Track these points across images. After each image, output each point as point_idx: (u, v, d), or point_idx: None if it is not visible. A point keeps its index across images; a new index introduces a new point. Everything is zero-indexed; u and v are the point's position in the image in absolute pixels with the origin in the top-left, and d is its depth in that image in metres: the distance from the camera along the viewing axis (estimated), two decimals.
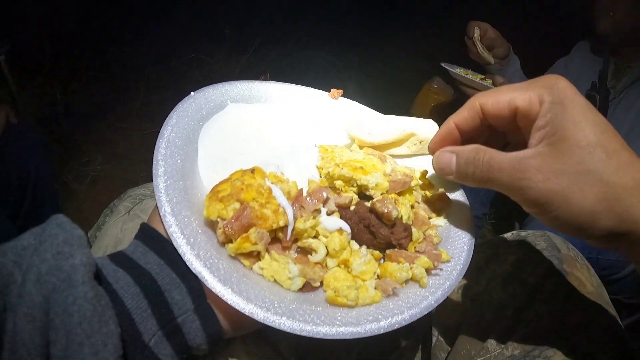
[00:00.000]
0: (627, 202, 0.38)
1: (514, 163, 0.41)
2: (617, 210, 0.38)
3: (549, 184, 0.39)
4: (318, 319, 0.43)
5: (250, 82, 0.68)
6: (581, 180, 0.38)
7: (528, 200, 0.41)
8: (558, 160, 0.39)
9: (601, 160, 0.38)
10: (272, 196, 0.48)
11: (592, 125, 0.39)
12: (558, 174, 0.39)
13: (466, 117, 0.48)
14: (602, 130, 0.39)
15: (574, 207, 0.39)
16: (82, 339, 0.34)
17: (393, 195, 0.55)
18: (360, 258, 0.50)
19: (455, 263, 0.52)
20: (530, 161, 0.41)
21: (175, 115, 0.56)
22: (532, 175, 0.40)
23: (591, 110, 0.40)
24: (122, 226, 0.70)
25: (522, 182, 0.41)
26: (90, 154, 2.22)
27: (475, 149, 0.45)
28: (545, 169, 0.40)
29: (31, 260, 0.35)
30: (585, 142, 0.39)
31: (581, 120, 0.39)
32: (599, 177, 0.38)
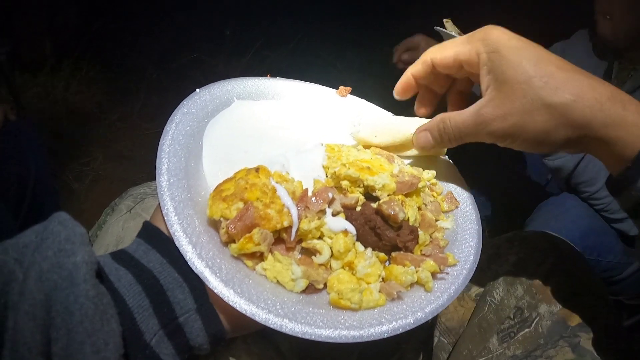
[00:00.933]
0: (572, 115, 0.43)
1: (474, 117, 0.49)
2: (565, 123, 0.44)
3: (506, 123, 0.46)
4: (320, 321, 0.42)
5: (257, 79, 0.67)
6: (529, 111, 0.45)
7: (495, 140, 0.49)
8: (506, 101, 0.46)
9: (540, 87, 0.44)
10: (277, 196, 0.48)
11: (526, 60, 0.45)
12: (510, 113, 0.46)
13: (420, 70, 0.57)
14: (536, 62, 0.45)
15: (530, 132, 0.46)
16: (84, 338, 0.33)
17: (400, 196, 0.54)
18: (365, 260, 0.49)
19: (461, 267, 0.52)
20: (485, 110, 0.47)
21: (180, 112, 0.55)
22: (490, 121, 0.47)
23: (525, 47, 0.46)
24: (123, 225, 0.70)
25: (486, 130, 0.48)
26: (91, 154, 2.22)
27: (441, 119, 0.53)
28: (498, 112, 0.46)
29: (32, 258, 0.35)
30: (523, 77, 0.44)
31: (516, 60, 0.45)
32: (542, 103, 0.44)
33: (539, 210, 1.32)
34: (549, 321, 0.59)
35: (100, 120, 2.41)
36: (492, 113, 0.47)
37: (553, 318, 0.59)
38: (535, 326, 0.59)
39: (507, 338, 0.60)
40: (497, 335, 0.61)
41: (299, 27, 3.09)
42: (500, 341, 0.60)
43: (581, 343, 0.56)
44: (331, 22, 3.23)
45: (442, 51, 0.53)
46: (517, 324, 0.60)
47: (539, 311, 0.60)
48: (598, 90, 0.43)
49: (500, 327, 0.61)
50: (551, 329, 0.58)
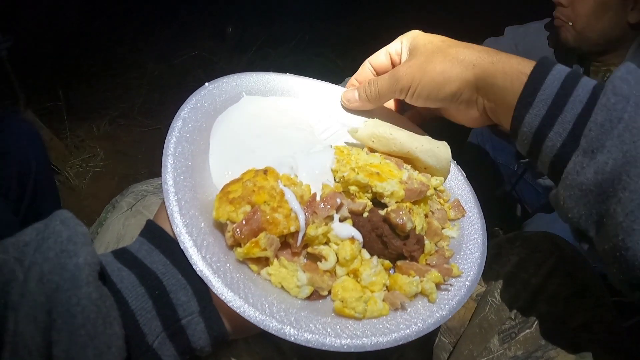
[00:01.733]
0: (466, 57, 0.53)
1: (390, 74, 0.59)
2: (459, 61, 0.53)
3: (410, 69, 0.56)
4: (324, 329, 0.42)
5: (268, 74, 0.65)
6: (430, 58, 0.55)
7: (401, 89, 0.58)
8: (414, 57, 0.57)
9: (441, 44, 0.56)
10: (285, 200, 0.47)
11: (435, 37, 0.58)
12: (415, 62, 0.56)
13: (362, 75, 0.68)
14: (443, 39, 0.57)
15: (428, 74, 0.55)
16: (86, 341, 0.33)
17: (408, 203, 0.54)
18: (371, 269, 0.48)
19: (464, 279, 0.52)
20: (400, 68, 0.58)
21: (187, 107, 0.54)
22: (401, 72, 0.57)
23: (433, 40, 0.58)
24: (124, 222, 0.69)
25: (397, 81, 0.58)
26: (92, 150, 2.22)
27: (368, 81, 0.63)
28: (407, 65, 0.57)
29: (33, 258, 0.34)
30: (430, 44, 0.57)
31: (426, 41, 0.58)
32: (441, 52, 0.55)
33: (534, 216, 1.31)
34: (550, 321, 0.59)
35: (101, 116, 2.41)
36: (404, 68, 0.57)
37: (554, 318, 0.59)
38: (536, 326, 0.59)
39: (508, 338, 0.60)
40: (498, 336, 0.61)
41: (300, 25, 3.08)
42: (501, 341, 0.60)
43: (582, 343, 0.56)
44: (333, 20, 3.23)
45: (377, 54, 0.65)
46: (518, 325, 0.60)
47: (539, 311, 0.60)
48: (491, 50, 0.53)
49: (501, 327, 0.61)
50: (552, 330, 0.58)
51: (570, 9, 1.16)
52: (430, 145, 0.59)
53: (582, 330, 0.57)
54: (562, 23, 1.20)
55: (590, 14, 1.14)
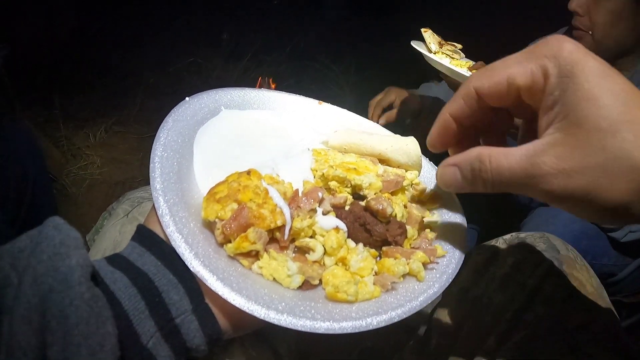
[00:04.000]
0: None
1: (526, 164, 0.35)
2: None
3: (570, 183, 0.33)
4: (318, 314, 0.43)
5: (243, 90, 0.69)
6: (607, 172, 0.32)
7: (551, 201, 0.36)
8: (576, 152, 0.33)
9: (629, 141, 0.31)
10: (269, 197, 0.49)
11: (611, 97, 0.32)
12: (578, 169, 0.33)
13: (462, 106, 0.43)
14: (624, 102, 0.32)
15: (601, 202, 0.33)
16: (79, 341, 0.33)
17: (386, 194, 0.57)
18: (358, 255, 0.50)
19: (450, 257, 0.54)
20: (543, 159, 0.34)
21: (171, 119, 0.57)
22: (548, 176, 0.34)
23: (608, 75, 0.33)
24: (120, 229, 0.70)
25: (540, 185, 0.35)
26: (88, 158, 2.22)
27: (478, 157, 0.40)
28: (562, 165, 0.33)
29: (27, 262, 0.35)
30: (606, 122, 0.32)
31: (597, 94, 0.32)
32: (629, 164, 0.31)
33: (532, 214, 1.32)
34: (547, 322, 0.59)
35: (97, 124, 2.41)
36: (554, 165, 0.34)
37: (551, 319, 0.59)
38: (533, 328, 0.59)
39: (505, 340, 0.60)
40: (495, 337, 0.61)
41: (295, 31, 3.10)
42: (498, 343, 0.60)
43: (579, 344, 0.56)
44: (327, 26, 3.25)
45: (491, 76, 0.39)
46: (515, 326, 0.60)
47: (536, 312, 0.60)
48: None
49: (498, 329, 0.61)
50: (549, 331, 0.58)
51: (587, 17, 1.18)
52: (399, 143, 0.62)
53: (579, 330, 0.57)
54: (581, 32, 1.21)
55: (606, 22, 1.15)
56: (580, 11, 1.19)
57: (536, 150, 0.35)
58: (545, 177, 0.34)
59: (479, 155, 0.39)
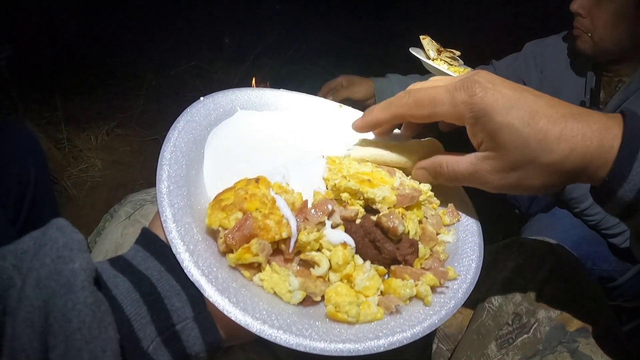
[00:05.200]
0: (567, 168, 0.45)
1: (471, 169, 0.49)
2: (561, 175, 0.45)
3: (503, 180, 0.47)
4: (316, 334, 0.42)
5: (261, 90, 0.67)
6: (527, 170, 0.46)
7: (492, 191, 0.50)
8: (503, 162, 0.46)
9: (535, 150, 0.44)
10: (276, 207, 0.47)
11: (518, 121, 0.44)
12: (507, 171, 0.46)
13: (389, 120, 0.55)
14: (528, 121, 0.44)
15: (528, 187, 0.47)
16: (81, 345, 0.33)
17: (400, 209, 0.54)
18: (364, 273, 0.48)
19: (461, 281, 0.51)
20: (482, 166, 0.48)
21: (183, 120, 0.55)
22: (488, 177, 0.48)
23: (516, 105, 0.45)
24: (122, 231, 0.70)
25: (481, 182, 0.49)
26: (90, 161, 2.22)
27: (438, 163, 0.53)
28: (496, 170, 0.47)
29: (31, 264, 0.35)
30: (519, 141, 0.44)
31: (508, 122, 0.44)
32: (539, 163, 0.45)
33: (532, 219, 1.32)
34: (548, 327, 0.59)
35: (99, 127, 2.41)
36: (489, 170, 0.48)
37: (551, 324, 0.59)
38: (534, 332, 0.59)
39: (506, 344, 0.60)
40: (496, 342, 0.61)
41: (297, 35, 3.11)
42: (499, 347, 0.60)
43: (580, 348, 0.56)
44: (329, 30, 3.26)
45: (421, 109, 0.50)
46: (516, 330, 0.60)
47: (537, 317, 0.60)
48: (587, 137, 0.44)
49: (499, 333, 0.61)
50: (550, 335, 0.58)
51: (589, 19, 1.18)
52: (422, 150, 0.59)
53: (580, 335, 0.57)
54: (581, 33, 1.21)
55: (607, 24, 1.15)
56: (582, 12, 1.19)
57: (477, 160, 0.49)
58: (486, 178, 0.48)
59: (439, 162, 0.53)
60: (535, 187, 0.47)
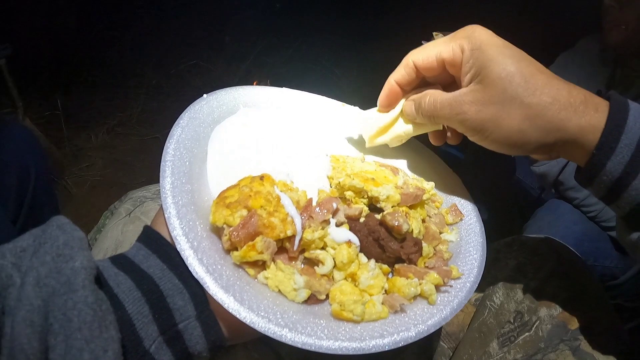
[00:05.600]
0: (548, 117, 0.44)
1: (452, 101, 0.49)
2: (541, 125, 0.44)
3: (481, 114, 0.46)
4: (321, 332, 0.42)
5: (264, 88, 0.66)
6: (506, 106, 0.45)
7: (467, 129, 0.49)
8: (486, 93, 0.46)
9: (520, 85, 0.44)
10: (281, 205, 0.47)
11: (508, 58, 0.45)
12: (487, 104, 0.46)
13: (403, 74, 0.55)
14: (518, 60, 0.45)
15: (504, 129, 0.46)
16: (82, 345, 0.33)
17: (404, 208, 0.54)
18: (369, 272, 0.48)
19: (465, 280, 0.51)
20: (464, 97, 0.48)
21: (187, 117, 0.55)
22: (466, 108, 0.47)
23: (507, 46, 0.47)
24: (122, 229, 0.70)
25: (460, 116, 0.48)
26: (90, 159, 2.22)
27: (424, 94, 0.53)
28: (476, 102, 0.46)
29: (30, 263, 0.35)
30: (504, 73, 0.45)
31: (498, 57, 0.45)
32: (520, 101, 0.44)
33: (535, 216, 1.32)
34: (549, 325, 0.59)
35: (99, 125, 2.41)
36: (470, 100, 0.47)
37: (553, 322, 0.59)
38: (536, 330, 0.59)
39: (508, 342, 0.60)
40: (498, 340, 0.61)
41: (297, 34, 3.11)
42: (501, 345, 0.60)
43: (581, 346, 0.56)
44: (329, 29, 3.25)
45: (424, 52, 0.52)
46: (517, 328, 0.60)
47: (539, 315, 0.60)
48: (573, 95, 0.44)
49: (501, 331, 0.61)
50: (551, 333, 0.58)
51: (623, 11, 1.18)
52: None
53: (581, 333, 0.57)
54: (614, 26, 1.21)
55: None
56: (616, 4, 1.19)
57: (460, 93, 0.49)
58: (464, 110, 0.48)
59: (425, 93, 0.54)
60: (512, 130, 0.45)
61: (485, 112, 0.46)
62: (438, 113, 0.51)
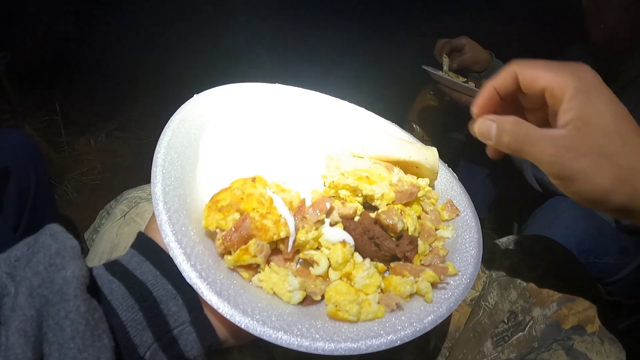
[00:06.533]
0: (638, 183, 0.42)
1: (548, 140, 0.45)
2: (628, 190, 0.43)
3: (575, 163, 0.43)
4: (317, 333, 0.42)
5: (255, 85, 0.65)
6: (601, 162, 0.43)
7: (555, 174, 0.45)
8: (583, 143, 0.43)
9: (617, 146, 0.43)
10: (274, 206, 0.47)
11: (612, 114, 0.44)
12: (583, 154, 0.43)
13: (505, 82, 0.51)
14: (621, 120, 0.44)
15: (593, 184, 0.43)
16: (75, 354, 0.33)
17: (399, 205, 0.53)
18: (364, 271, 0.48)
19: (461, 277, 0.51)
20: (561, 141, 0.44)
21: (177, 119, 0.54)
22: (563, 153, 0.44)
23: (612, 99, 0.45)
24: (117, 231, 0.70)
25: (553, 158, 0.45)
26: (90, 164, 2.22)
27: (515, 121, 0.48)
28: (573, 149, 0.44)
29: (24, 273, 0.35)
30: (606, 129, 0.43)
31: (603, 109, 0.44)
32: (615, 161, 0.43)
33: (534, 216, 1.32)
34: (543, 325, 0.59)
35: (98, 129, 2.42)
36: (566, 147, 0.44)
37: (547, 321, 0.59)
38: (529, 330, 0.59)
39: (502, 342, 0.60)
40: (492, 340, 0.61)
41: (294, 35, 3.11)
42: (495, 345, 0.60)
43: (574, 346, 0.56)
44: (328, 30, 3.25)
45: (531, 68, 0.49)
46: (511, 328, 0.60)
47: (532, 315, 0.60)
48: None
49: (495, 331, 0.62)
50: (545, 333, 0.58)
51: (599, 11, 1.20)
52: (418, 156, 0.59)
53: (575, 332, 0.57)
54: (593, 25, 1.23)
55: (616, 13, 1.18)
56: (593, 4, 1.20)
57: (557, 134, 0.45)
58: (560, 154, 0.44)
59: (516, 120, 0.48)
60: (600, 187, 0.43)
61: (580, 161, 0.43)
62: (528, 148, 0.46)
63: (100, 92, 2.66)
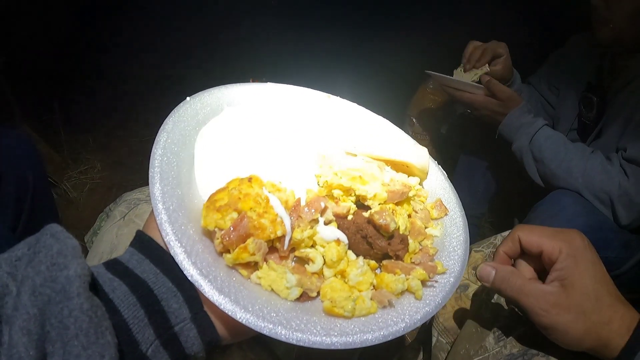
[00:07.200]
0: (602, 333, 0.51)
1: (538, 294, 0.53)
2: (595, 337, 0.51)
3: (559, 317, 0.51)
4: (314, 328, 0.43)
5: (247, 85, 0.66)
6: (578, 317, 0.51)
7: (542, 324, 0.53)
8: (566, 301, 0.51)
9: (592, 303, 0.51)
10: (270, 205, 0.48)
11: (591, 277, 0.52)
12: (565, 311, 0.51)
13: (511, 247, 0.59)
14: (597, 281, 0.53)
15: (569, 336, 0.51)
16: (79, 351, 0.33)
17: (391, 205, 0.55)
18: (357, 269, 0.50)
19: (449, 275, 0.53)
20: (549, 297, 0.52)
21: (171, 121, 0.55)
22: (549, 307, 0.52)
23: (594, 263, 0.54)
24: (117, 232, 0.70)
25: (540, 311, 0.52)
26: (89, 162, 2.22)
27: (512, 272, 0.56)
28: (558, 305, 0.51)
29: (25, 272, 0.35)
30: (584, 290, 0.52)
31: (584, 273, 0.52)
32: (588, 316, 0.51)
33: (536, 210, 1.31)
34: None
35: (97, 128, 2.41)
36: (552, 302, 0.52)
37: None
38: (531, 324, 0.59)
39: (503, 337, 0.60)
40: (494, 334, 0.61)
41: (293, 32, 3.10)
42: (497, 340, 0.60)
43: None
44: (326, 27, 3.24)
45: (531, 234, 0.57)
46: (513, 322, 0.61)
47: None
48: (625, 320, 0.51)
49: (497, 325, 0.62)
50: None
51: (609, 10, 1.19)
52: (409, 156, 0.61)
53: None
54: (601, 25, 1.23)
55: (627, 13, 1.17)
56: (603, 4, 1.20)
57: (546, 290, 0.53)
58: (546, 308, 0.52)
59: (512, 271, 0.56)
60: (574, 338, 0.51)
61: (562, 317, 0.51)
62: (521, 299, 0.54)
63: (99, 91, 2.66)
